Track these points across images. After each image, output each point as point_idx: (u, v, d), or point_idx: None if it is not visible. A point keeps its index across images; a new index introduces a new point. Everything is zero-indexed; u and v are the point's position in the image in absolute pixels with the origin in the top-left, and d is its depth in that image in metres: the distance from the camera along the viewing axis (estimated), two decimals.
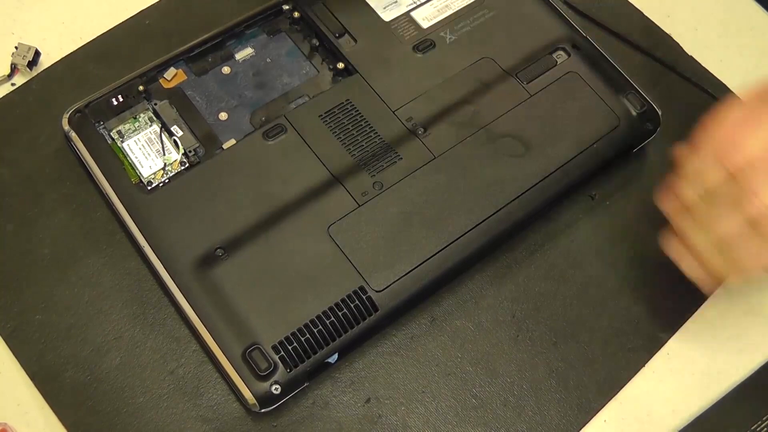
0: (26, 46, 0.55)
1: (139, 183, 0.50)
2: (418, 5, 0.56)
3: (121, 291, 0.49)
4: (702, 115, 0.48)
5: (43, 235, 0.50)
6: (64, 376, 0.47)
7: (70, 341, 0.47)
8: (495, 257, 0.52)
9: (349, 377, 0.48)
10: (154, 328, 0.48)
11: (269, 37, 0.56)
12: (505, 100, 0.53)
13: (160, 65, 0.53)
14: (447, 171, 0.50)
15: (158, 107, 0.52)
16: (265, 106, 0.53)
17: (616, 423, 0.49)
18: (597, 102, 0.53)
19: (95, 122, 0.51)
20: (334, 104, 0.52)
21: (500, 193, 0.50)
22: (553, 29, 0.56)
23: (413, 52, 0.54)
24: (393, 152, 0.51)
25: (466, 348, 0.49)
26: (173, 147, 0.51)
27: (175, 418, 0.46)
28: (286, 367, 0.45)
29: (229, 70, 0.54)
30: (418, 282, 0.47)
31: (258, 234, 0.48)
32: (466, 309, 0.50)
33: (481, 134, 0.51)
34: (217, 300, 0.46)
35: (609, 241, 0.53)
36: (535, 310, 0.51)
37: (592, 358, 0.50)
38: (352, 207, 0.49)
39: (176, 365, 0.47)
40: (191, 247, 0.47)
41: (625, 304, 0.51)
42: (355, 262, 0.47)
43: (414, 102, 0.52)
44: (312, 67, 0.55)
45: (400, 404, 0.48)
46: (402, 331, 0.49)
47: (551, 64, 0.54)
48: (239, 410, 0.46)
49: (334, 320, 0.46)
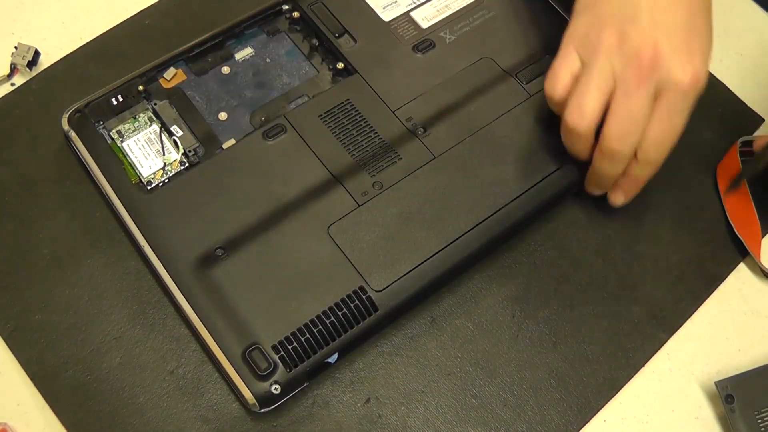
0: (26, 46, 0.55)
1: (139, 183, 0.50)
2: (417, 5, 0.56)
3: (121, 291, 0.49)
4: (702, 114, 0.48)
5: (43, 235, 0.50)
6: (63, 376, 0.47)
7: (70, 341, 0.48)
8: (495, 257, 0.52)
9: (349, 377, 0.48)
10: (154, 328, 0.48)
11: (269, 37, 0.56)
12: (504, 100, 0.53)
13: (160, 65, 0.53)
14: (447, 171, 0.50)
15: (158, 107, 0.52)
16: (264, 106, 0.53)
17: (616, 423, 0.49)
18: None
19: (95, 122, 0.51)
20: (333, 104, 0.52)
21: (500, 193, 0.50)
22: (553, 29, 0.56)
23: (413, 52, 0.54)
24: (393, 152, 0.51)
25: (466, 348, 0.49)
26: (173, 147, 0.51)
27: (175, 418, 0.46)
28: (286, 367, 0.45)
29: (229, 70, 0.54)
30: (418, 282, 0.47)
31: (258, 234, 0.48)
32: (466, 309, 0.50)
33: (481, 134, 0.51)
34: (216, 300, 0.46)
35: (609, 241, 0.53)
36: (535, 310, 0.51)
37: (592, 358, 0.50)
38: (352, 207, 0.49)
39: (176, 365, 0.47)
40: (191, 247, 0.47)
41: (625, 304, 0.51)
42: (355, 262, 0.47)
43: (414, 102, 0.52)
44: (312, 67, 0.55)
45: (400, 404, 0.48)
46: (402, 331, 0.49)
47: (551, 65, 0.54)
48: (239, 410, 0.47)
49: (334, 320, 0.46)
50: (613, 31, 0.46)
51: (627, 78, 0.46)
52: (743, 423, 0.47)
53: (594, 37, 0.47)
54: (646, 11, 0.46)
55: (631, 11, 0.46)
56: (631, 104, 0.46)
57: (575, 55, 0.48)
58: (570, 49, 0.48)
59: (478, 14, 0.56)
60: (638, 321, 0.51)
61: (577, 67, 0.48)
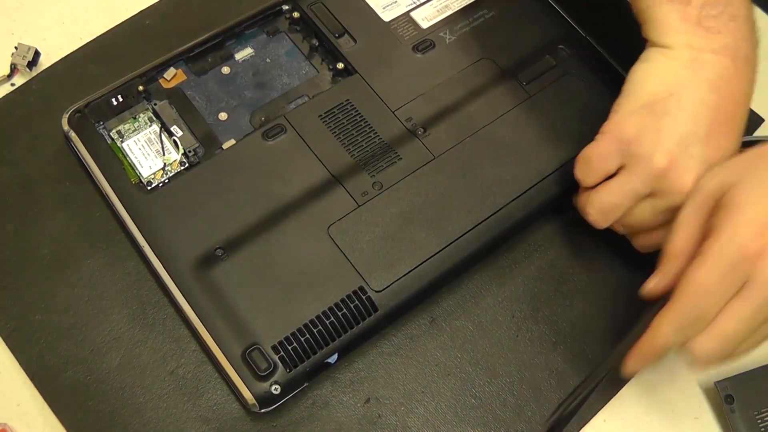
0: (26, 46, 0.55)
1: (139, 183, 0.50)
2: (417, 5, 0.56)
3: (121, 291, 0.49)
4: None
5: (43, 235, 0.50)
6: (63, 376, 0.47)
7: (70, 341, 0.48)
8: (495, 257, 0.52)
9: (349, 377, 0.48)
10: (154, 328, 0.48)
11: (269, 37, 0.56)
12: (504, 100, 0.53)
13: (160, 65, 0.53)
14: (447, 171, 0.50)
15: (158, 107, 0.52)
16: (264, 107, 0.53)
17: (616, 423, 0.49)
18: (597, 102, 0.53)
19: (95, 122, 0.51)
20: (333, 104, 0.52)
21: (500, 193, 0.50)
22: (553, 29, 0.56)
23: (413, 53, 0.54)
24: (393, 152, 0.51)
25: (465, 348, 0.49)
26: (173, 147, 0.51)
27: (175, 418, 0.46)
28: (286, 368, 0.45)
29: (229, 70, 0.54)
30: (417, 282, 0.47)
31: (258, 234, 0.48)
32: (466, 309, 0.50)
33: (481, 134, 0.51)
34: (216, 300, 0.46)
35: (610, 241, 0.53)
36: (535, 310, 0.51)
37: (592, 357, 0.50)
38: (352, 207, 0.49)
39: (176, 365, 0.47)
40: (191, 247, 0.47)
41: (626, 304, 0.51)
42: (355, 262, 0.47)
43: (414, 102, 0.52)
44: (311, 68, 0.55)
45: (400, 404, 0.48)
46: (402, 331, 0.49)
47: (551, 65, 0.54)
48: (239, 410, 0.47)
49: (334, 320, 0.46)
50: (666, 154, 0.45)
51: (662, 200, 0.46)
52: (743, 423, 0.47)
53: (644, 152, 0.45)
54: (704, 141, 0.45)
55: (691, 138, 0.45)
56: (656, 217, 0.47)
57: (617, 155, 0.46)
58: (613, 146, 0.46)
59: (478, 14, 0.56)
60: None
61: (615, 166, 0.46)
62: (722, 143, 0.46)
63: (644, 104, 0.46)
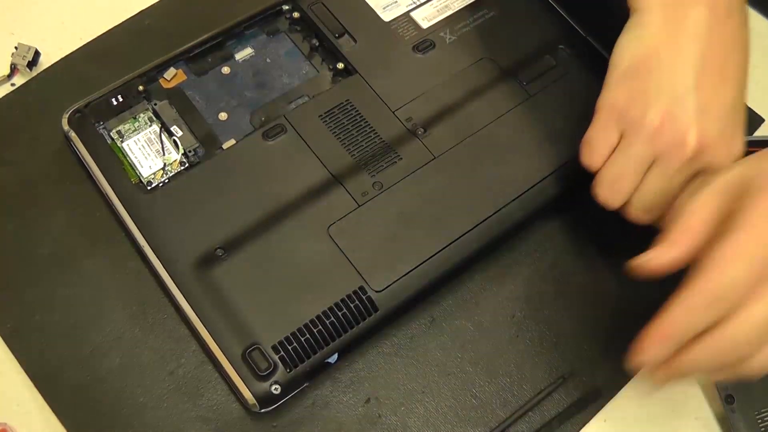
0: (26, 46, 0.55)
1: (139, 183, 0.50)
2: (417, 5, 0.56)
3: (121, 291, 0.49)
4: None
5: (43, 235, 0.50)
6: (64, 376, 0.47)
7: (70, 341, 0.47)
8: (495, 257, 0.52)
9: (349, 377, 0.48)
10: (154, 328, 0.48)
11: (269, 38, 0.56)
12: (504, 100, 0.53)
13: (160, 65, 0.53)
14: (447, 171, 0.50)
15: (158, 107, 0.52)
16: (264, 106, 0.53)
17: (616, 423, 0.49)
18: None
19: (95, 122, 0.51)
20: (333, 104, 0.52)
21: (500, 193, 0.50)
22: (553, 29, 0.56)
23: (413, 53, 0.54)
24: (393, 152, 0.51)
25: (466, 348, 0.49)
26: (173, 147, 0.51)
27: (175, 418, 0.46)
28: (286, 367, 0.45)
29: (229, 70, 0.54)
30: (418, 282, 0.47)
31: (258, 234, 0.48)
32: (466, 309, 0.50)
33: (481, 134, 0.51)
34: (216, 300, 0.46)
35: (610, 241, 0.53)
36: (535, 310, 0.51)
37: (592, 357, 0.50)
38: (352, 207, 0.49)
39: (176, 365, 0.47)
40: (191, 247, 0.47)
41: (626, 304, 0.51)
42: (355, 262, 0.47)
43: (414, 102, 0.52)
44: (312, 68, 0.55)
45: (400, 404, 0.48)
46: (402, 331, 0.49)
47: (551, 65, 0.54)
48: (239, 410, 0.47)
49: (334, 320, 0.46)
50: (658, 111, 0.45)
51: (668, 161, 0.45)
52: (743, 423, 0.47)
53: (636, 114, 0.45)
54: (694, 91, 0.45)
55: (679, 89, 0.45)
56: (667, 185, 0.46)
57: (614, 127, 0.46)
58: (609, 120, 0.46)
59: (478, 14, 0.56)
60: (639, 321, 0.51)
61: (615, 139, 0.46)
62: (718, 90, 0.45)
63: (628, 70, 0.46)
